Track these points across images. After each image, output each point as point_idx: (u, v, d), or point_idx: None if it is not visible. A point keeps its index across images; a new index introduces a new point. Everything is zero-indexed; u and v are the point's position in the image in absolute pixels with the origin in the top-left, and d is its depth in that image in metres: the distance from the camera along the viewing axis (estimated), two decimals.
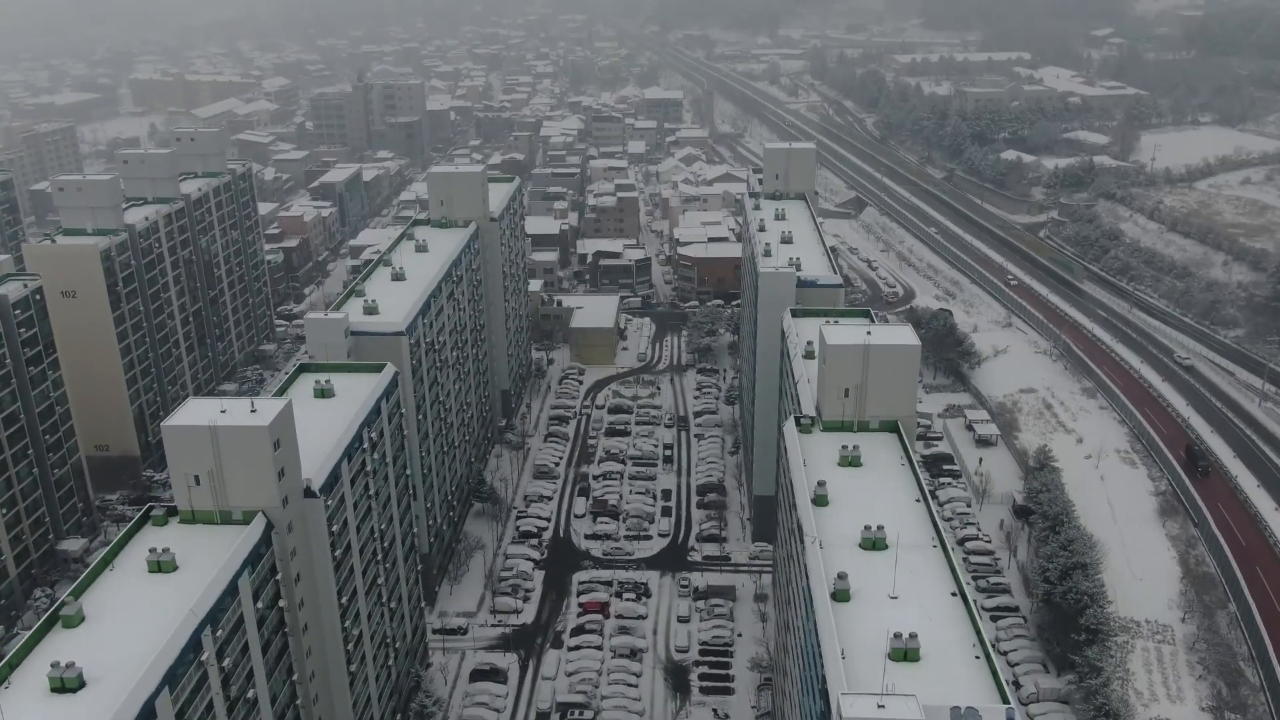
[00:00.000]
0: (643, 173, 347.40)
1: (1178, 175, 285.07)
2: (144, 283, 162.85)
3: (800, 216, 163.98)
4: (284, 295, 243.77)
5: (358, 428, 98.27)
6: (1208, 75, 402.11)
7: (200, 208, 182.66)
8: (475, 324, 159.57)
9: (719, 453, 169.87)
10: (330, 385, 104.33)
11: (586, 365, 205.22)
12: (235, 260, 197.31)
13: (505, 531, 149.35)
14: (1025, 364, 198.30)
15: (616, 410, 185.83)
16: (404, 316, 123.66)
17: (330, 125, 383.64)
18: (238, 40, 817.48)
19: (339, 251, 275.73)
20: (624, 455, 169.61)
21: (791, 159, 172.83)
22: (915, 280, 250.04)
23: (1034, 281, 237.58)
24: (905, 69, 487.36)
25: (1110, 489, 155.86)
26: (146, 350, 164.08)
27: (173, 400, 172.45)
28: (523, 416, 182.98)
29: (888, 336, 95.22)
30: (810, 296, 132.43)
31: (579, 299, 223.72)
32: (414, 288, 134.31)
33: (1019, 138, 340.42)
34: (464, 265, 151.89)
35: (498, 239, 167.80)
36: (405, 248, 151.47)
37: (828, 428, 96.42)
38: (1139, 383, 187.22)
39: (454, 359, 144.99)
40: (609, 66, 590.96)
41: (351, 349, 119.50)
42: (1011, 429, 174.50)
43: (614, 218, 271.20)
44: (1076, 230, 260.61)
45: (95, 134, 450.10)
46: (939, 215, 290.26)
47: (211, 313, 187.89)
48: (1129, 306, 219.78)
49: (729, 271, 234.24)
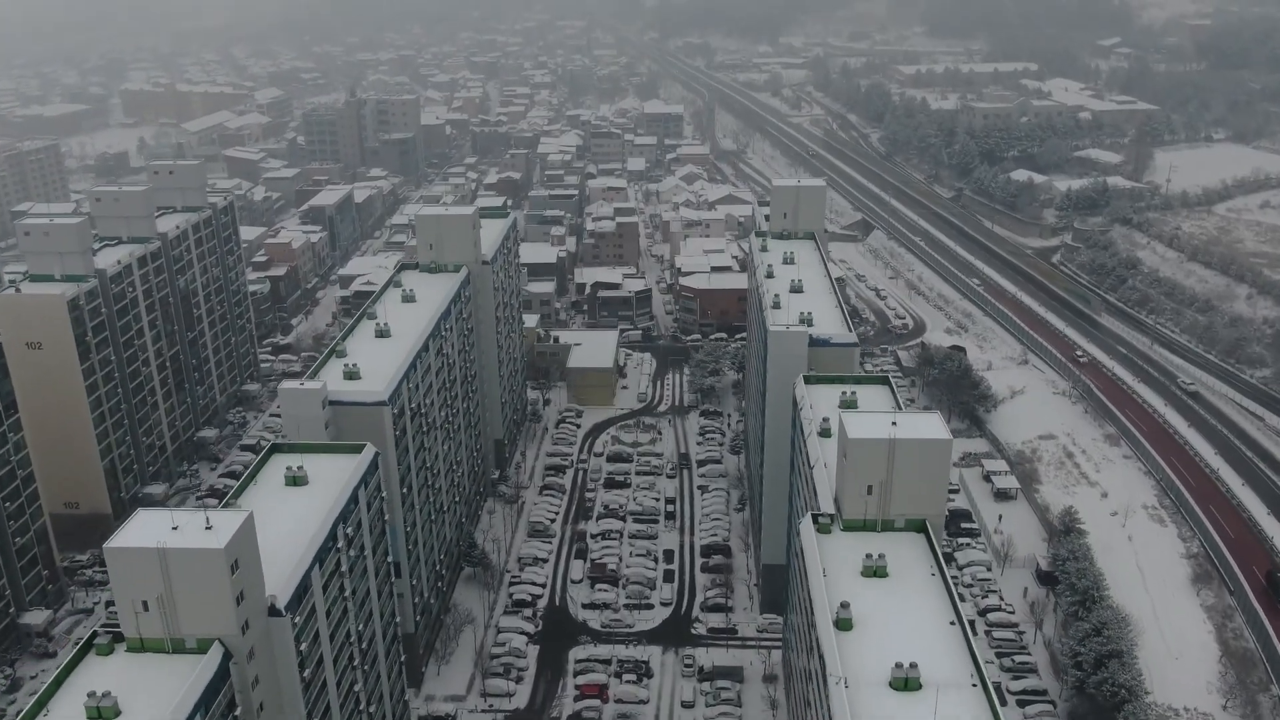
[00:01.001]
0: (642, 191, 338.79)
1: (1194, 198, 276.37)
2: (116, 330, 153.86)
3: (810, 260, 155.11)
4: (270, 327, 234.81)
5: (332, 524, 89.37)
6: (1220, 89, 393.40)
7: (178, 246, 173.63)
8: (466, 375, 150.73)
9: (724, 507, 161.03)
10: (303, 473, 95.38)
11: (584, 406, 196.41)
12: (217, 298, 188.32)
13: (497, 600, 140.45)
14: (1044, 406, 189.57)
15: (616, 458, 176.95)
16: (387, 383, 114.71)
17: (322, 141, 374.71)
18: (232, 46, 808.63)
19: (329, 278, 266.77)
20: (624, 510, 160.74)
21: (800, 197, 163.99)
22: (925, 311, 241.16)
23: (1049, 314, 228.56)
24: (910, 80, 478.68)
25: (1139, 551, 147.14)
26: (119, 402, 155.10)
27: (148, 451, 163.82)
28: (517, 466, 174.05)
29: (915, 428, 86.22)
30: (823, 356, 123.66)
31: (576, 334, 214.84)
32: (399, 347, 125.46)
33: (1028, 155, 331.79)
34: (454, 315, 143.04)
35: (490, 282, 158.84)
36: (391, 297, 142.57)
37: (848, 527, 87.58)
38: (1163, 428, 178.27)
39: (443, 418, 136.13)
40: (608, 76, 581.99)
41: (330, 420, 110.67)
42: (1031, 481, 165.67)
43: (613, 243, 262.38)
44: (1092, 257, 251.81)
45: (84, 147, 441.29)
46: (948, 240, 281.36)
47: (191, 355, 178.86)
48: (1150, 342, 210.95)
49: (732, 303, 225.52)
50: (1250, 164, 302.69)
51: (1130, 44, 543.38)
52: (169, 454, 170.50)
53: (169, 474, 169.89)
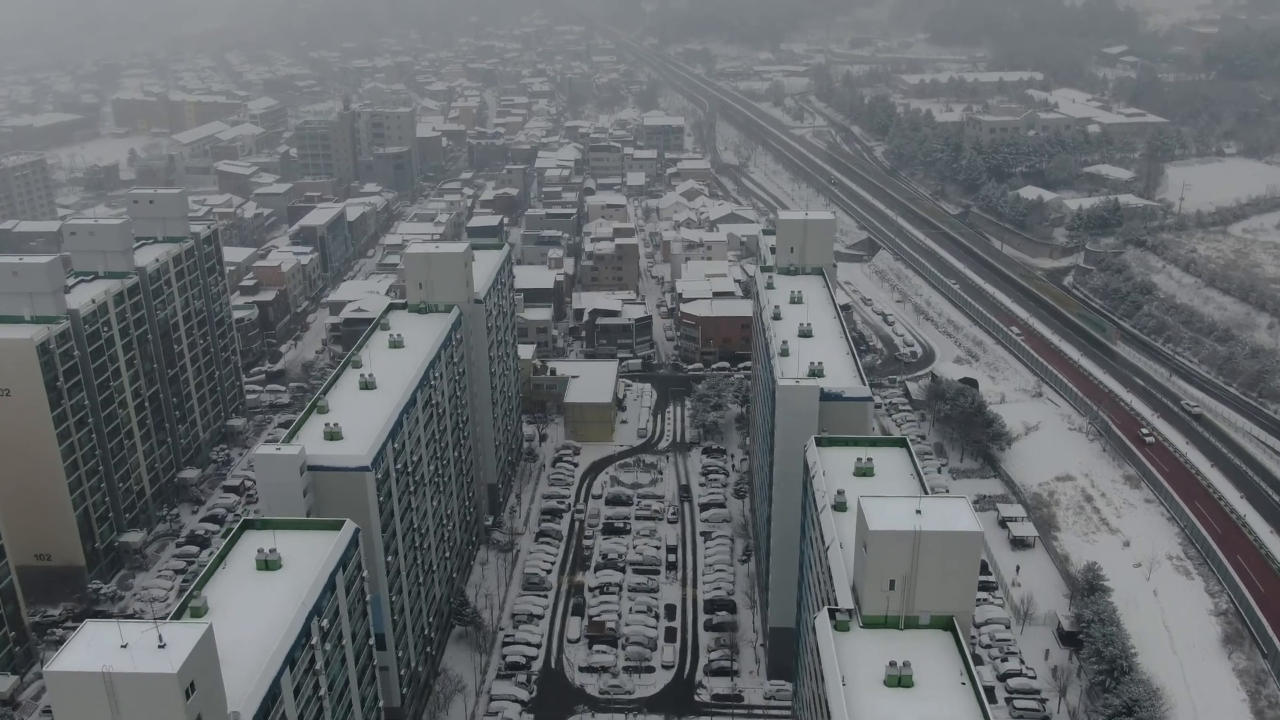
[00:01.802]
0: (642, 208, 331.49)
1: (1209, 218, 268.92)
2: (90, 373, 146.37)
3: (819, 298, 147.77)
4: (259, 354, 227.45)
5: (305, 618, 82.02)
6: (1230, 101, 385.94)
7: (158, 279, 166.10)
8: (458, 422, 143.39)
9: (728, 557, 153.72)
10: (276, 556, 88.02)
11: (582, 442, 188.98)
12: (199, 331, 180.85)
13: (490, 662, 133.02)
14: (1060, 444, 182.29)
15: (615, 501, 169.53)
16: (370, 445, 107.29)
17: (315, 154, 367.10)
18: (228, 52, 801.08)
19: (320, 300, 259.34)
20: (623, 560, 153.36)
21: (808, 231, 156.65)
22: (934, 338, 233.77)
23: (1062, 342, 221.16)
24: (914, 90, 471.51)
25: (1165, 607, 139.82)
26: (93, 448, 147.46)
27: (124, 498, 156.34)
28: (511, 511, 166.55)
29: (943, 518, 78.83)
30: (835, 412, 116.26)
31: (574, 365, 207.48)
32: (385, 400, 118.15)
33: (1037, 171, 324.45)
34: (444, 361, 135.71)
35: (484, 321, 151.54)
36: (378, 342, 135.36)
37: (868, 623, 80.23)
38: (1185, 469, 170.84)
39: (432, 472, 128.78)
40: (607, 85, 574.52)
41: (310, 486, 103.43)
42: (1050, 527, 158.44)
43: (612, 266, 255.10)
44: (1105, 281, 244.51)
45: (74, 158, 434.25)
46: (956, 261, 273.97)
47: (172, 393, 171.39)
48: (1168, 374, 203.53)
49: (735, 331, 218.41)
50: (1264, 180, 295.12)
51: (1136, 52, 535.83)
52: (148, 498, 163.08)
53: (148, 518, 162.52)
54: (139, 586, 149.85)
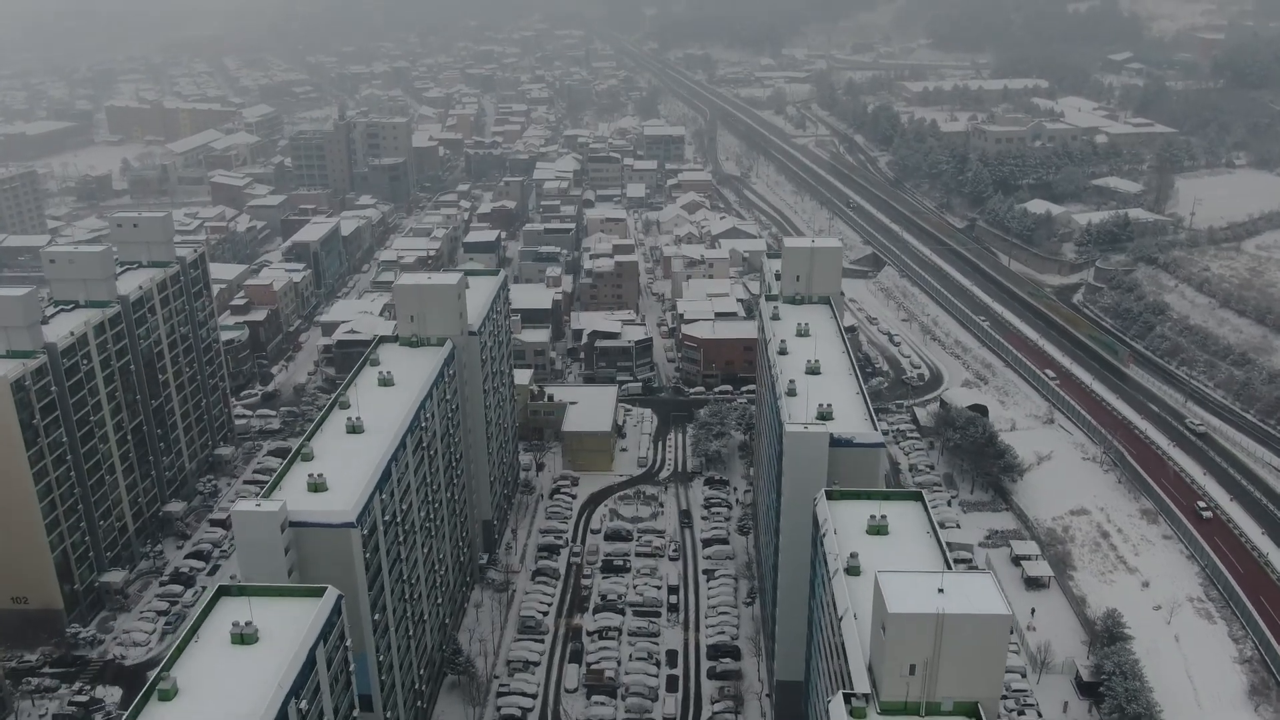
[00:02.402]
0: (642, 221, 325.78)
1: (1221, 233, 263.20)
2: (68, 408, 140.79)
3: (826, 331, 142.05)
4: (249, 376, 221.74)
5: (283, 702, 76.30)
6: (1239, 110, 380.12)
7: (141, 307, 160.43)
8: (451, 460, 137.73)
9: (732, 598, 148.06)
10: (252, 629, 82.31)
11: (581, 472, 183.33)
12: (185, 359, 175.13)
13: (484, 715, 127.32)
14: (1073, 475, 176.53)
15: (614, 537, 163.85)
16: (356, 498, 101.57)
17: (310, 165, 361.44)
18: (224, 56, 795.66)
19: (313, 319, 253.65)
20: (623, 601, 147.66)
21: (815, 260, 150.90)
22: (942, 359, 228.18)
23: (1074, 365, 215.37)
24: (917, 98, 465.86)
25: (1188, 654, 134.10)
26: (72, 486, 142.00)
27: (105, 535, 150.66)
28: (507, 547, 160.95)
29: (967, 599, 73.11)
30: (845, 459, 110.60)
31: (572, 390, 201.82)
32: (373, 446, 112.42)
33: (1044, 183, 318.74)
34: (437, 399, 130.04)
35: (478, 354, 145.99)
36: (366, 380, 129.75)
37: (886, 709, 74.56)
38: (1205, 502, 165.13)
39: (423, 518, 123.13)
40: (607, 91, 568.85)
41: (291, 543, 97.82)
42: (1065, 566, 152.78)
43: (612, 284, 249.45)
44: (1116, 300, 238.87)
45: (67, 167, 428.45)
46: (963, 278, 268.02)
47: (156, 424, 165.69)
48: (1183, 399, 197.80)
49: (738, 353, 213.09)
50: (1275, 193, 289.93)
51: (1142, 59, 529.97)
52: (130, 534, 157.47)
53: (131, 555, 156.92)
54: (120, 629, 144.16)
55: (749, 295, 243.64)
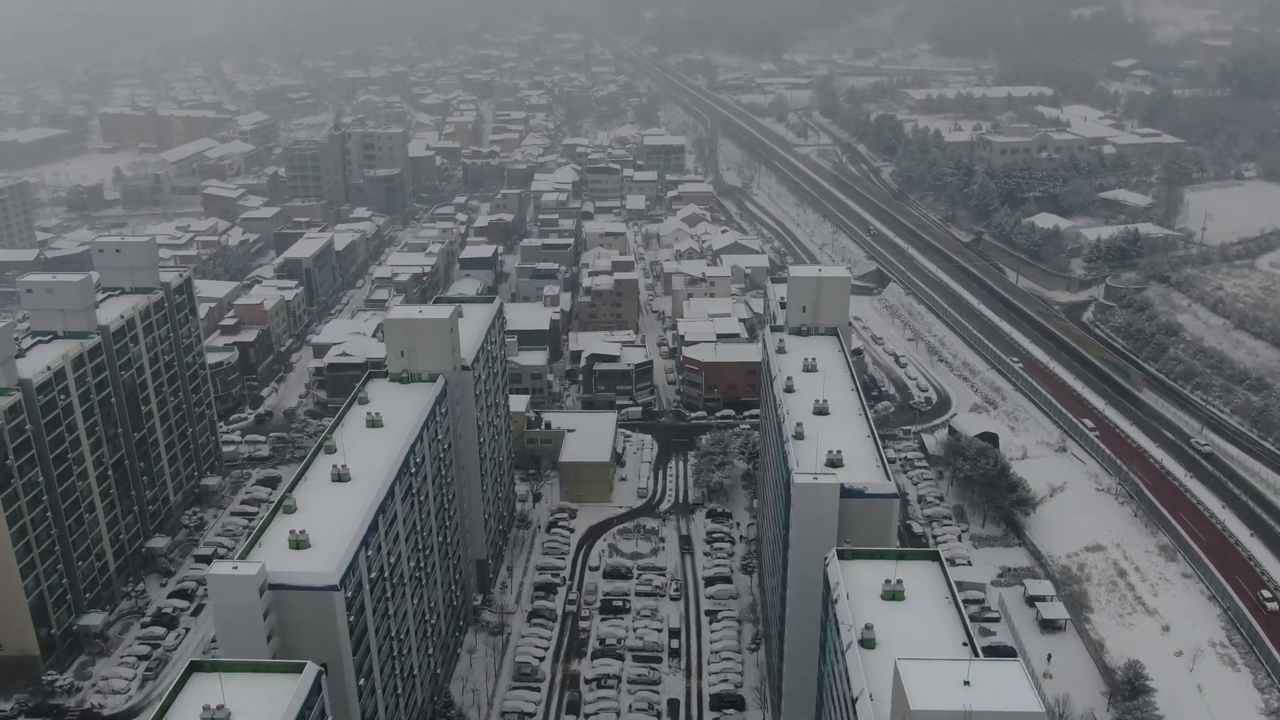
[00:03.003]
0: (642, 234, 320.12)
1: (1233, 250, 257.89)
2: (45, 446, 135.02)
3: (834, 366, 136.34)
4: (238, 399, 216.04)
5: None
6: (1247, 120, 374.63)
7: (123, 337, 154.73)
8: (444, 502, 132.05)
9: (735, 642, 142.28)
10: (225, 714, 76.50)
11: (579, 503, 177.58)
12: (170, 388, 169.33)
13: None
14: (1087, 508, 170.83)
15: (613, 574, 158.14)
16: (340, 557, 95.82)
17: (304, 176, 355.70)
18: (221, 59, 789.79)
19: (305, 337, 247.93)
20: (622, 646, 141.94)
21: (821, 290, 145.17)
22: (949, 381, 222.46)
23: (1085, 388, 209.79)
24: (920, 106, 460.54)
25: (1212, 705, 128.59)
26: (48, 527, 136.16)
27: (84, 576, 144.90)
28: (502, 586, 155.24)
29: (996, 694, 67.35)
30: (857, 511, 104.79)
31: (570, 416, 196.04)
32: (359, 496, 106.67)
33: (1050, 196, 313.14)
34: (427, 441, 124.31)
35: (472, 389, 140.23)
36: (354, 420, 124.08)
37: None
38: (1225, 538, 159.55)
39: (413, 568, 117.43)
40: (606, 98, 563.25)
41: (271, 607, 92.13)
42: (1081, 606, 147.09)
43: (611, 302, 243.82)
44: (1127, 320, 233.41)
45: (58, 176, 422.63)
46: (970, 295, 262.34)
47: (139, 457, 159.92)
48: (1199, 427, 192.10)
49: (740, 377, 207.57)
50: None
51: (1146, 65, 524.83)
52: (111, 573, 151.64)
53: (112, 595, 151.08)
54: (98, 676, 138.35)
55: (751, 314, 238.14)
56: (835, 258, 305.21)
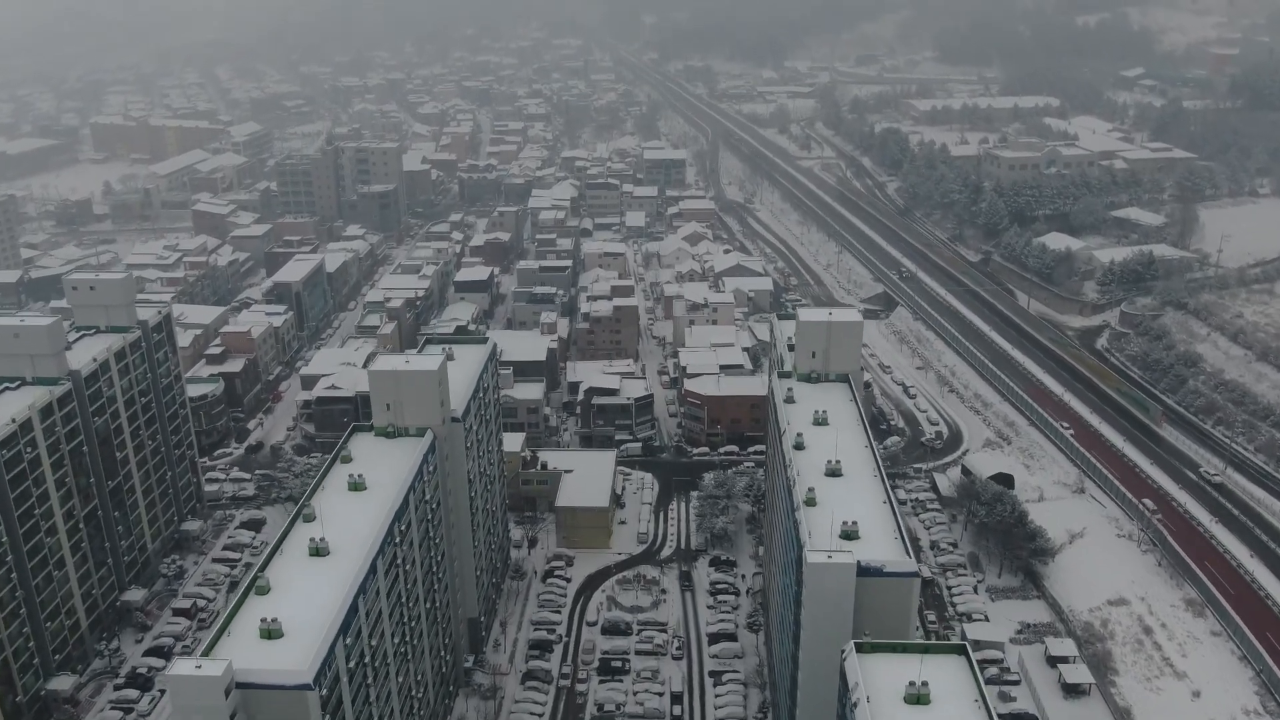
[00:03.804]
0: (642, 253, 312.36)
1: (1252, 275, 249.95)
2: (9, 504, 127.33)
3: (846, 418, 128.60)
4: (223, 434, 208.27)
5: None
6: (1259, 134, 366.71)
7: (96, 381, 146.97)
8: (432, 565, 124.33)
9: (741, 709, 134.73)
10: None
11: (576, 550, 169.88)
12: (148, 431, 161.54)
13: None
14: (1109, 556, 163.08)
15: (612, 630, 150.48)
16: (315, 649, 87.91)
17: (297, 191, 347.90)
18: (217, 65, 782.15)
19: (295, 364, 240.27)
20: (621, 713, 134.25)
21: (832, 335, 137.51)
22: (961, 414, 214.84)
23: (1102, 423, 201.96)
24: (925, 117, 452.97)
25: None
26: (13, 588, 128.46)
27: (54, 636, 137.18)
28: (495, 644, 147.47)
29: None
30: (874, 591, 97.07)
31: (568, 455, 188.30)
32: (339, 574, 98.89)
33: (1061, 214, 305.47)
34: (414, 505, 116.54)
35: (463, 441, 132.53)
36: (336, 482, 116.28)
37: None
38: (1254, 591, 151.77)
39: (396, 644, 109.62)
40: (605, 108, 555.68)
41: (239, 707, 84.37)
42: (1105, 667, 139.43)
43: (610, 329, 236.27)
44: (1144, 349, 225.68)
45: (48, 189, 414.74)
46: (980, 320, 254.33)
47: (114, 506, 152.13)
48: (1223, 466, 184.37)
49: (744, 411, 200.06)
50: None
51: (1154, 74, 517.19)
52: (83, 631, 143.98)
53: (84, 654, 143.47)
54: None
55: (755, 341, 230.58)
56: (840, 278, 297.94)
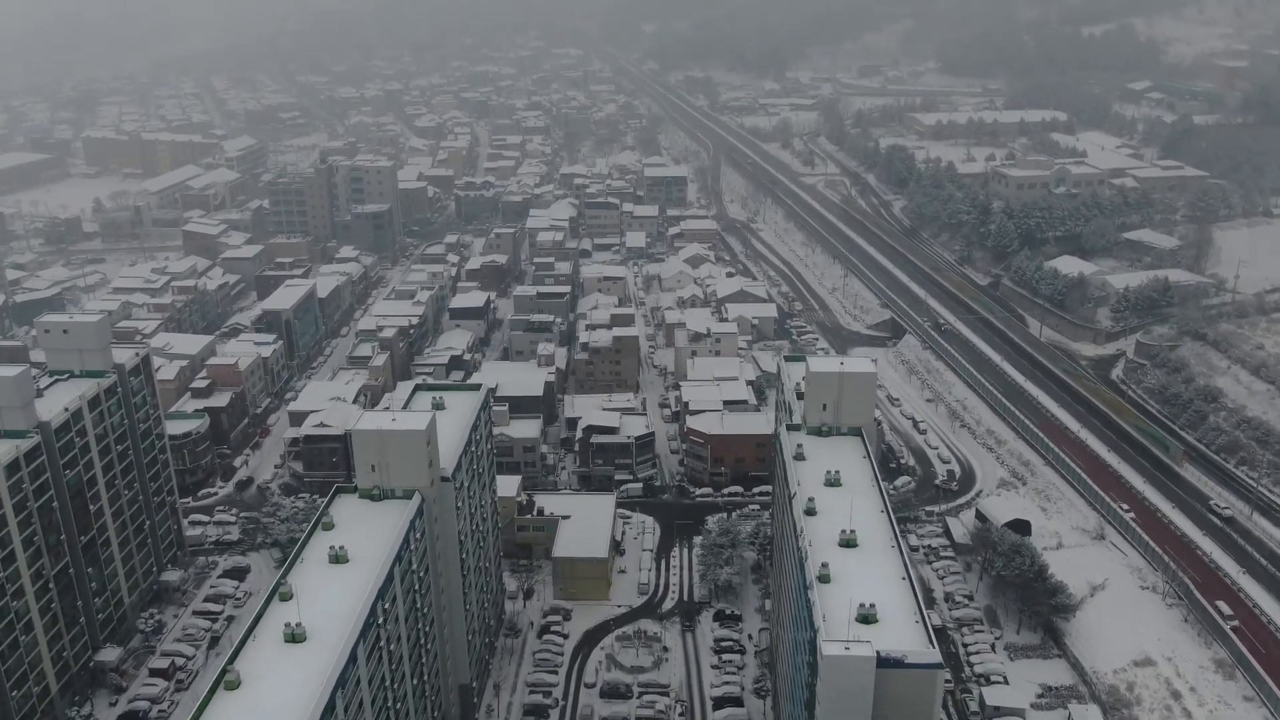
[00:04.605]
0: (642, 276, 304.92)
1: (1271, 301, 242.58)
2: None
3: (861, 479, 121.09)
4: (208, 472, 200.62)
5: None
6: (1273, 151, 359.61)
7: (68, 432, 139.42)
8: (419, 636, 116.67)
9: None
10: None
11: (574, 601, 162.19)
12: (124, 480, 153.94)
13: None
14: (1132, 611, 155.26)
15: (611, 693, 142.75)
16: None
17: (289, 211, 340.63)
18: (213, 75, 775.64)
19: (284, 395, 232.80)
20: None
21: (844, 386, 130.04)
22: (974, 451, 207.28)
23: (1120, 462, 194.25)
24: (930, 132, 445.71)
25: None
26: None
27: (21, 704, 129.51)
28: (488, 710, 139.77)
29: None
30: (895, 683, 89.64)
31: (566, 499, 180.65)
32: (315, 663, 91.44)
33: (1072, 235, 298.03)
34: (400, 576, 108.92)
35: (454, 500, 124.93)
36: (316, 552, 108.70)
37: None
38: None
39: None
40: (605, 120, 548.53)
41: None
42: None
43: (610, 359, 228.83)
44: (1162, 382, 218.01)
45: (37, 205, 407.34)
46: (991, 350, 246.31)
47: (87, 562, 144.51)
48: (1249, 511, 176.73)
49: (749, 450, 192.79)
50: None
51: (1161, 87, 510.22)
52: (53, 695, 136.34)
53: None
54: None
55: (759, 373, 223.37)
56: (846, 303, 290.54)
